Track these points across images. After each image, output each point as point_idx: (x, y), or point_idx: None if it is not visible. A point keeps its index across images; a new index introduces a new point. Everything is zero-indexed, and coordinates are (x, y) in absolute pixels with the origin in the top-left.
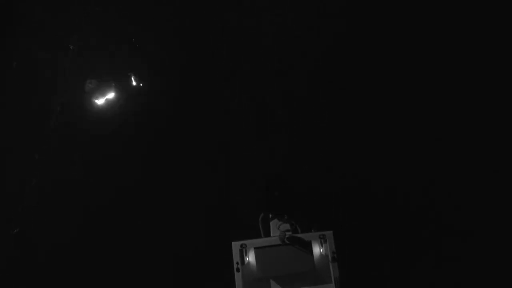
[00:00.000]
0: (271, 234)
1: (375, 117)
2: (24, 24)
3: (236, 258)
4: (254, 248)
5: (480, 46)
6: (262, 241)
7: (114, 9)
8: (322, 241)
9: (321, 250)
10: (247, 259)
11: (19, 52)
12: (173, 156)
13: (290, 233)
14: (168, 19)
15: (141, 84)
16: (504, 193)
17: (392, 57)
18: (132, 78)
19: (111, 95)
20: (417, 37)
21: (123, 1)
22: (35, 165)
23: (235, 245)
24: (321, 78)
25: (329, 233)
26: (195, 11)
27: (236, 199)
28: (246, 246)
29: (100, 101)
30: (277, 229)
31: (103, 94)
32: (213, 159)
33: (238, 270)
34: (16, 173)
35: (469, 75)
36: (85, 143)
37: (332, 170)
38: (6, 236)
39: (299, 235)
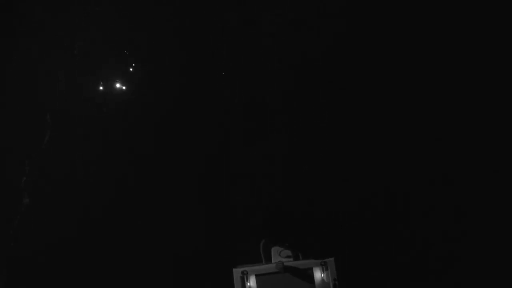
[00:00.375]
0: (273, 261)
1: (375, 117)
2: (24, 24)
3: (237, 285)
4: (256, 275)
5: (480, 46)
6: (263, 268)
7: (114, 9)
8: (324, 268)
9: (322, 275)
10: (249, 284)
11: (19, 52)
12: (173, 155)
13: (291, 259)
14: (168, 19)
15: (141, 84)
16: (504, 193)
17: (392, 57)
18: (132, 78)
19: (111, 95)
20: (417, 37)
21: (123, 1)
22: (35, 165)
23: (236, 272)
24: (321, 78)
25: (330, 260)
26: (195, 11)
27: (236, 199)
28: (247, 273)
29: (100, 101)
30: (278, 255)
31: (103, 94)
32: (213, 159)
33: None
34: (16, 173)
35: (469, 75)
36: (85, 143)
37: (332, 170)
38: (6, 236)
39: (300, 262)
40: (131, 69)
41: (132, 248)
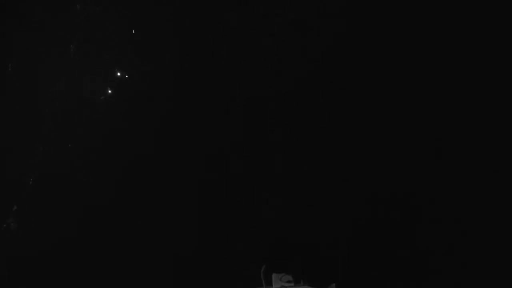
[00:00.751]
0: (273, 285)
1: (375, 117)
2: (24, 24)
3: None
4: None
5: (480, 46)
6: None
7: (114, 9)
8: None
9: None
10: None
11: (19, 52)
12: (173, 156)
13: (292, 284)
14: (168, 19)
15: (140, 85)
16: (504, 193)
17: (393, 57)
18: (132, 79)
19: (110, 95)
20: (418, 37)
21: (123, 1)
22: (35, 165)
23: None
24: (321, 78)
25: (331, 286)
26: (195, 11)
27: (236, 199)
28: None
29: (99, 101)
30: (279, 280)
31: (102, 94)
32: (212, 159)
33: None
34: (16, 173)
35: (469, 75)
36: (84, 143)
37: (332, 170)
38: (6, 236)
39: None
40: (131, 70)
41: (132, 248)
